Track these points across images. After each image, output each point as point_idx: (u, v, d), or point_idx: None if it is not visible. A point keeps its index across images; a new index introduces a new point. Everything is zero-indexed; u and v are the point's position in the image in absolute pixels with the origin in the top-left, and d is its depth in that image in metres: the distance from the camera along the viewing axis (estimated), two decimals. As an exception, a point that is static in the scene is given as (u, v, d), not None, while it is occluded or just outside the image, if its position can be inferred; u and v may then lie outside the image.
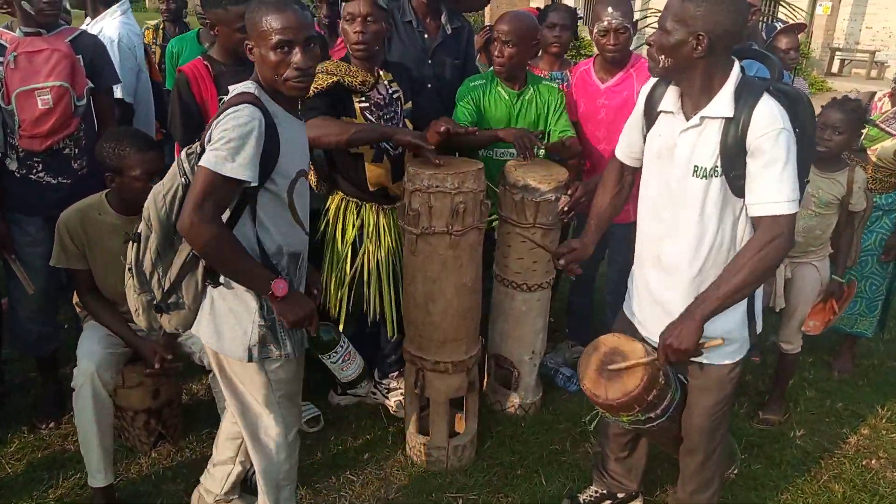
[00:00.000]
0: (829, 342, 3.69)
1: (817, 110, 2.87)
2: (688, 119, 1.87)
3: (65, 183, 2.58)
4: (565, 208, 2.60)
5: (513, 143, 2.59)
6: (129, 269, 1.81)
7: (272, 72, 1.74)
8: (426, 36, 3.10)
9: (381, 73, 2.61)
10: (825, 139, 2.80)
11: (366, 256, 2.64)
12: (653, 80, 2.05)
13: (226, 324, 1.84)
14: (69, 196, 2.46)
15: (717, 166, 1.83)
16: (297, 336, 1.92)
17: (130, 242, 1.81)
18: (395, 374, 2.95)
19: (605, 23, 2.75)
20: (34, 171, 2.53)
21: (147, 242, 1.77)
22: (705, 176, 1.85)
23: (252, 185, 1.69)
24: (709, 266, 1.93)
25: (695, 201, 1.88)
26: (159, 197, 1.74)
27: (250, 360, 1.84)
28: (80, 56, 2.52)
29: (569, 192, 2.62)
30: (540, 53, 3.64)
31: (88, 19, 3.24)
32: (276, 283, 1.74)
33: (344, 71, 2.49)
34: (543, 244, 2.16)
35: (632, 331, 2.16)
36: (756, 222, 1.82)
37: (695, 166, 1.86)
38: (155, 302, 1.82)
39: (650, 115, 2.02)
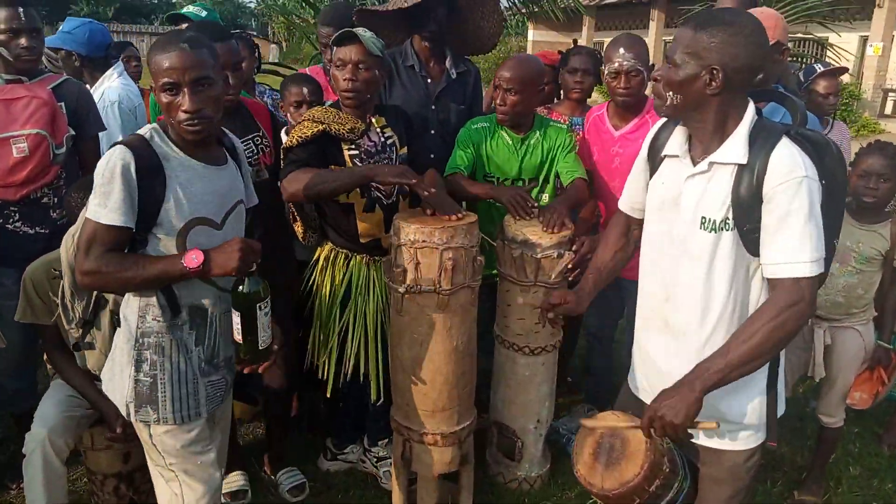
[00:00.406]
0: (878, 410, 3.32)
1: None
2: (695, 164, 1.66)
3: (42, 233, 2.48)
4: (570, 266, 2.37)
5: (506, 205, 2.41)
6: (57, 304, 1.75)
7: (166, 114, 1.65)
8: (429, 80, 2.96)
9: (374, 119, 2.45)
10: (870, 188, 2.53)
11: (353, 312, 2.45)
12: (660, 123, 1.85)
13: (117, 370, 1.74)
14: (47, 247, 2.35)
15: (727, 218, 1.60)
16: (187, 401, 1.76)
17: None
18: (385, 441, 2.72)
19: (616, 64, 2.56)
20: (10, 220, 2.43)
21: (64, 280, 1.70)
22: (714, 229, 1.62)
23: (133, 230, 1.62)
24: (718, 333, 1.68)
25: (702, 257, 1.65)
26: (69, 237, 1.70)
27: (128, 416, 1.73)
28: (62, 103, 2.45)
29: (574, 247, 2.39)
30: (561, 97, 3.50)
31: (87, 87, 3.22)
32: (187, 258, 1.61)
33: (332, 118, 2.34)
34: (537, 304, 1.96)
35: (637, 407, 1.91)
36: (773, 284, 1.57)
37: (702, 218, 1.63)
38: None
39: (654, 161, 1.81)
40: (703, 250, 1.65)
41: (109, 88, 3.05)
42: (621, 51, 2.56)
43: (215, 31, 2.20)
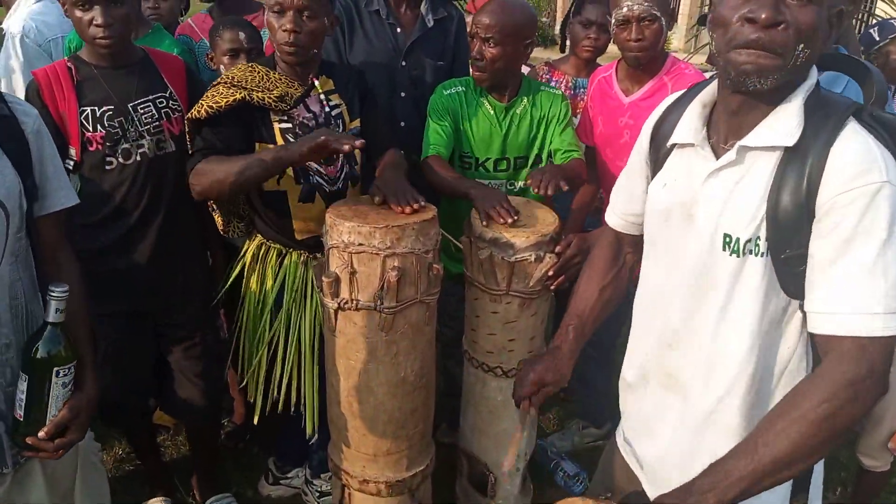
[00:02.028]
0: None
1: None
2: (718, 155, 1.14)
3: None
4: (551, 272, 1.87)
5: (479, 211, 1.87)
6: None
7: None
8: (399, 30, 2.41)
9: (318, 80, 1.92)
10: None
11: (285, 323, 1.98)
12: (669, 100, 1.31)
13: None
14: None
15: (757, 238, 1.09)
16: None
17: None
18: (330, 475, 2.28)
19: (625, 9, 2.00)
20: None
21: None
22: (737, 252, 1.11)
23: None
24: (730, 403, 1.20)
25: (719, 292, 1.15)
26: None
27: None
28: None
29: (557, 249, 1.88)
30: (566, 52, 2.94)
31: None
32: None
33: (257, 82, 1.82)
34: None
35: (624, 475, 1.45)
36: (825, 346, 1.06)
37: (725, 235, 1.12)
38: None
39: (657, 153, 1.29)
40: (720, 282, 1.14)
41: (15, 19, 2.48)
42: None
43: None
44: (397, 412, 1.77)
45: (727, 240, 1.12)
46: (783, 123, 1.07)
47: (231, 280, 2.03)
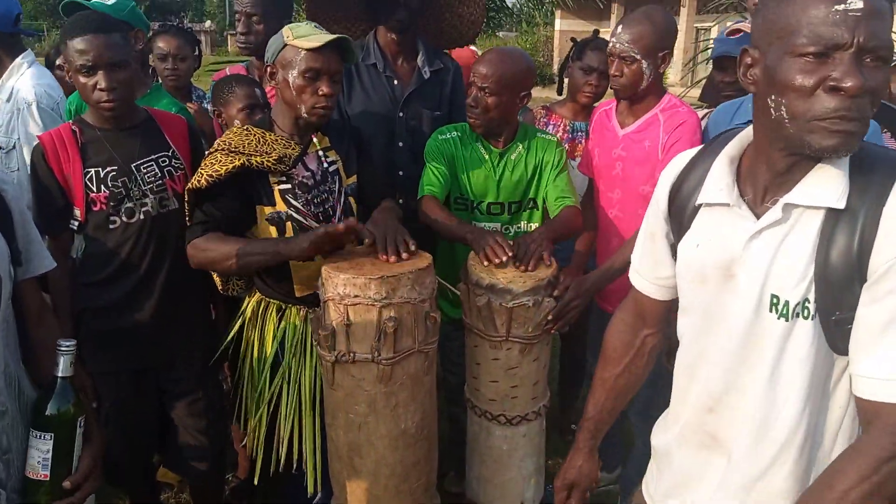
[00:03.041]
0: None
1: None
2: (758, 214, 1.11)
3: None
4: (549, 316, 1.86)
5: (477, 253, 1.89)
6: None
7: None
8: (396, 82, 2.46)
9: (315, 138, 1.96)
10: None
11: (285, 379, 1.97)
12: (685, 157, 1.28)
13: None
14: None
15: (806, 301, 1.05)
16: None
17: None
18: (333, 531, 2.25)
19: (610, 44, 2.07)
20: None
21: None
22: (786, 316, 1.07)
23: None
24: (780, 468, 1.14)
25: (765, 356, 1.11)
26: None
27: None
28: None
29: (555, 293, 1.87)
30: (564, 94, 2.97)
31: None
32: None
33: (254, 146, 1.85)
34: None
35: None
36: (867, 413, 1.03)
37: (773, 296, 1.08)
38: None
39: (682, 215, 1.25)
40: (766, 345, 1.10)
41: (22, 87, 2.51)
42: (619, 29, 2.07)
43: (92, 22, 1.80)
44: (399, 466, 1.75)
45: (774, 301, 1.07)
46: (831, 183, 1.03)
47: (232, 335, 2.03)
